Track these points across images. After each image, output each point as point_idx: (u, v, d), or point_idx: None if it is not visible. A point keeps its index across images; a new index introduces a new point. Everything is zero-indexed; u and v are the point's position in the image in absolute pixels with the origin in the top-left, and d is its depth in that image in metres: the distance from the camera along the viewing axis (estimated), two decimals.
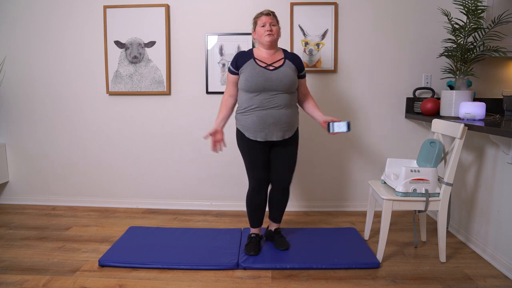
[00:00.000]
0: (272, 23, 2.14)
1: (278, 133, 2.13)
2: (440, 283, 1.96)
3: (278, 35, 2.18)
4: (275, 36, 2.15)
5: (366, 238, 2.53)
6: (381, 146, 3.10)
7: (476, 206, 2.37)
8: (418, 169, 2.09)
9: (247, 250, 2.25)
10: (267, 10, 2.17)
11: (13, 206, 3.28)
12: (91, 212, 3.13)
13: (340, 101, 3.06)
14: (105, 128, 3.20)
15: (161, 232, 2.61)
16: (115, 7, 3.02)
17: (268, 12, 2.15)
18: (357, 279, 2.01)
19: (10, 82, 3.21)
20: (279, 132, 2.13)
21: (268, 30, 2.12)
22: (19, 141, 3.28)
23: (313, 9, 2.95)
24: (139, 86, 3.09)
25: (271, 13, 2.15)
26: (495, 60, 2.91)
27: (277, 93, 2.10)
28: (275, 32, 2.14)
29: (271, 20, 2.14)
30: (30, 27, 3.12)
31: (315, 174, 3.14)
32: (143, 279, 2.01)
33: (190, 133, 3.15)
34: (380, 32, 2.98)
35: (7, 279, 2.00)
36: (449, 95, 2.58)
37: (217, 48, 3.02)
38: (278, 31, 2.17)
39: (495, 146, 2.17)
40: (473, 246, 2.37)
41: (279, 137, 2.14)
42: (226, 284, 1.97)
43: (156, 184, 3.23)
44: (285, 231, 2.61)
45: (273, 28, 2.14)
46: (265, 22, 2.14)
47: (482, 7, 2.47)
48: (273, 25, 2.14)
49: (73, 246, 2.43)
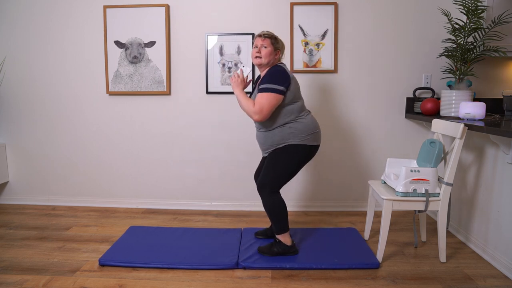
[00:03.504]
0: (263, 45, 2.12)
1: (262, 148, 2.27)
2: (440, 283, 1.96)
3: (269, 58, 2.13)
4: (263, 60, 2.13)
5: (366, 238, 2.53)
6: (381, 146, 3.10)
7: (476, 206, 2.37)
8: (418, 169, 2.09)
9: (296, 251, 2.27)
10: (264, 32, 2.16)
11: (13, 206, 3.28)
12: (91, 212, 3.13)
13: (340, 101, 3.06)
14: (105, 128, 3.20)
15: (161, 232, 2.61)
16: (115, 7, 3.02)
17: (261, 34, 2.15)
18: (357, 279, 2.01)
19: (10, 82, 3.21)
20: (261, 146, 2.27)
21: (256, 52, 2.15)
22: (19, 141, 3.28)
23: (313, 9, 2.95)
24: (139, 86, 3.09)
25: (263, 35, 2.14)
26: (495, 60, 2.91)
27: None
28: (263, 55, 2.12)
29: (262, 42, 2.13)
30: (30, 27, 3.12)
31: (315, 174, 3.14)
32: (143, 279, 2.01)
33: (190, 133, 3.15)
34: (380, 32, 2.98)
35: (7, 279, 2.00)
36: (449, 95, 2.58)
37: (217, 48, 3.02)
38: (269, 53, 2.12)
39: (495, 146, 2.17)
40: (473, 246, 2.37)
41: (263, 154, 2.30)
42: (226, 284, 1.97)
43: (156, 184, 3.23)
44: None
45: (263, 50, 2.12)
46: (257, 43, 2.16)
47: (482, 7, 2.47)
48: (265, 47, 2.12)
49: (73, 246, 2.43)
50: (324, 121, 3.08)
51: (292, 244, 2.25)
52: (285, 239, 2.22)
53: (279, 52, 2.18)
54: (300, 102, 2.17)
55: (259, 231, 2.53)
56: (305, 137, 2.13)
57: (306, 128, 2.14)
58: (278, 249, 2.22)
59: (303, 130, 2.13)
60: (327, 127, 3.09)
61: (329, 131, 3.09)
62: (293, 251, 2.25)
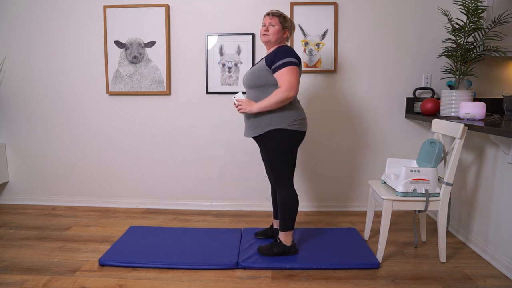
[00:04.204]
0: (271, 23, 2.14)
1: (246, 131, 2.23)
2: (440, 283, 1.96)
3: (277, 36, 2.15)
4: (270, 37, 2.15)
5: (366, 238, 2.53)
6: (381, 146, 3.10)
7: (476, 206, 2.37)
8: (418, 169, 2.09)
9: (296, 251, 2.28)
10: (272, 10, 2.18)
11: (13, 206, 3.28)
12: (91, 212, 3.13)
13: (340, 101, 3.06)
14: (105, 128, 3.20)
15: (161, 232, 2.61)
16: (115, 7, 3.02)
17: (269, 13, 2.17)
18: (357, 279, 2.01)
19: (10, 82, 3.21)
20: (246, 129, 2.23)
21: (264, 30, 2.16)
22: (19, 141, 3.28)
23: (313, 9, 2.95)
24: (139, 86, 3.09)
25: (271, 14, 2.16)
26: (495, 60, 2.91)
27: (247, 90, 2.21)
28: (271, 33, 2.14)
29: (270, 21, 2.15)
30: (30, 27, 3.12)
31: (315, 174, 3.14)
32: (143, 279, 2.01)
33: (190, 133, 3.15)
34: (380, 32, 2.98)
35: (7, 279, 2.00)
36: (449, 95, 2.58)
37: (217, 48, 3.02)
38: (277, 31, 2.14)
39: (495, 146, 2.17)
40: (473, 246, 2.37)
41: (247, 134, 2.23)
42: (226, 284, 1.97)
43: (156, 184, 3.23)
44: None
45: (271, 29, 2.14)
46: (265, 22, 2.17)
47: (482, 7, 2.47)
48: (273, 26, 2.14)
49: (73, 246, 2.43)
50: (323, 121, 3.08)
51: (292, 244, 2.25)
52: (287, 238, 2.22)
53: (287, 31, 2.19)
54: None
55: (259, 231, 2.53)
56: (292, 123, 2.12)
57: (295, 114, 2.14)
58: (278, 249, 2.22)
59: (291, 115, 2.12)
60: (327, 127, 3.09)
61: (329, 131, 3.09)
62: (293, 251, 2.25)
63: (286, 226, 2.21)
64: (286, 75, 2.03)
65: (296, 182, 3.16)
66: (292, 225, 2.22)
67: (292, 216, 2.20)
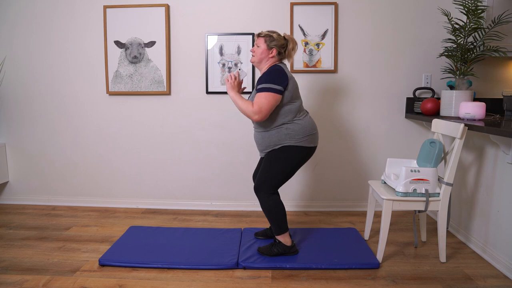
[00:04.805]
0: (257, 44, 2.18)
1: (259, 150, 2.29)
2: (440, 283, 1.96)
3: (261, 57, 2.16)
4: (254, 58, 2.19)
5: (366, 238, 2.53)
6: (381, 146, 3.10)
7: (476, 206, 2.37)
8: (418, 169, 2.09)
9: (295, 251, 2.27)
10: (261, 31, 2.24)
11: (13, 206, 3.28)
12: (91, 212, 3.13)
13: (340, 101, 3.06)
14: (105, 128, 3.20)
15: (161, 232, 2.61)
16: (115, 7, 3.02)
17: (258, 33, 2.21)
18: (357, 279, 2.01)
19: (10, 82, 3.21)
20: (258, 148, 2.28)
21: (251, 51, 2.22)
22: (19, 141, 3.28)
23: (313, 9, 2.95)
24: (139, 86, 3.09)
25: (258, 34, 2.20)
26: (495, 60, 2.91)
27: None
28: (255, 54, 2.18)
29: (256, 41, 2.20)
30: (30, 27, 3.12)
31: (315, 174, 3.14)
32: (143, 279, 2.01)
33: (190, 133, 3.15)
34: (380, 32, 2.98)
35: (7, 279, 2.00)
36: (449, 95, 2.58)
37: (217, 48, 3.02)
38: (261, 52, 2.15)
39: (495, 146, 2.17)
40: (473, 246, 2.37)
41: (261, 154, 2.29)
42: (226, 284, 1.97)
43: (156, 184, 3.23)
44: None
45: (256, 50, 2.18)
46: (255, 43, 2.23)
47: (482, 7, 2.47)
48: (258, 46, 2.17)
49: (73, 246, 2.43)
50: (324, 121, 3.08)
51: (292, 244, 2.24)
52: (285, 239, 2.22)
53: (275, 50, 2.15)
54: (298, 102, 2.16)
55: (259, 232, 2.53)
56: (301, 139, 2.13)
57: (302, 130, 2.13)
58: (278, 249, 2.22)
59: (299, 132, 2.13)
60: (327, 127, 3.09)
61: (329, 131, 3.09)
62: (293, 251, 2.25)
63: (278, 230, 2.20)
64: (261, 98, 2.05)
65: (296, 182, 3.16)
66: (285, 227, 2.20)
67: (281, 219, 2.18)
